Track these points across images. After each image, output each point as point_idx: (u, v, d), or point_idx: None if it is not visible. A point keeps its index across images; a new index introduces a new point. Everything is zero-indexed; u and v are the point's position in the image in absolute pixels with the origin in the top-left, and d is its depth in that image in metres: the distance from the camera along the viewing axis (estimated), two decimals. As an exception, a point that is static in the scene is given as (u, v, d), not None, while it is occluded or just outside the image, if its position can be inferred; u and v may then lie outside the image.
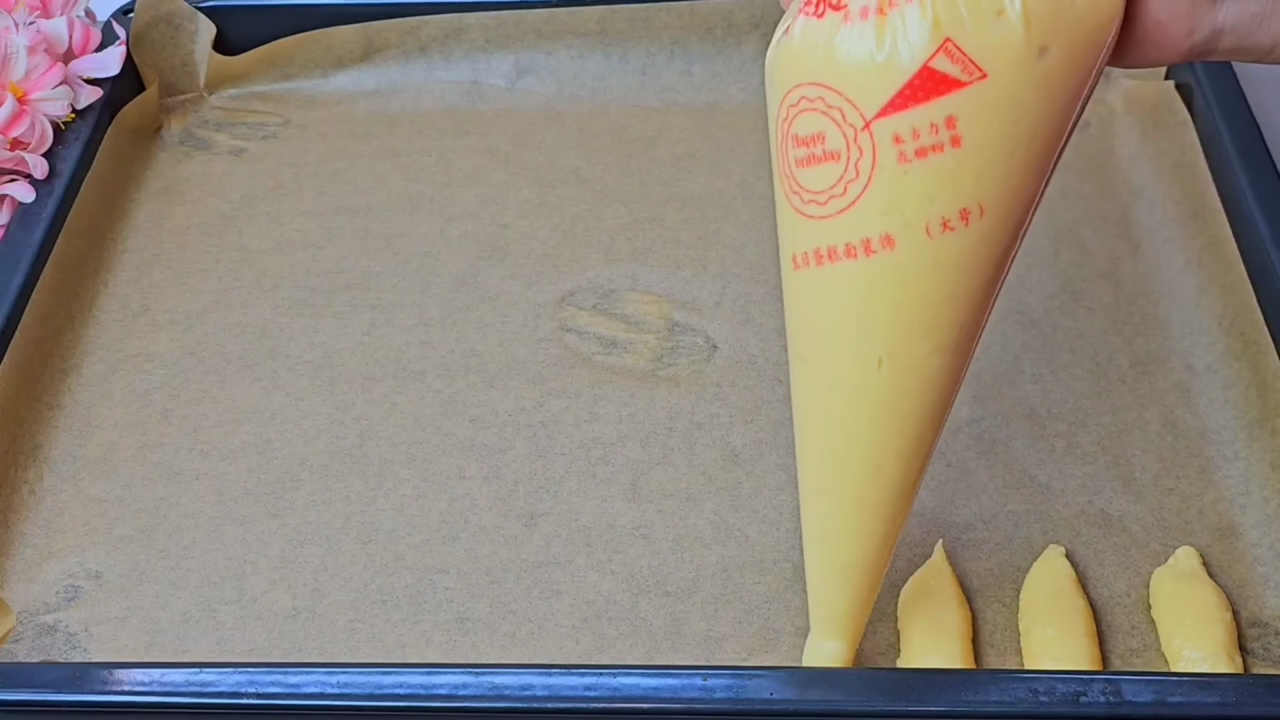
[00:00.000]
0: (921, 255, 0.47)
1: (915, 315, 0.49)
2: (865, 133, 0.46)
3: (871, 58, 0.46)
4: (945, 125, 0.46)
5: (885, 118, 0.46)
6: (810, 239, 0.49)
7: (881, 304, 0.48)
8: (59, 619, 0.59)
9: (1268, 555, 0.59)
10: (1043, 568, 0.59)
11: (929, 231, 0.47)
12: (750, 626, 0.58)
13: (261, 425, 0.66)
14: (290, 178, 0.79)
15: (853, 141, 0.47)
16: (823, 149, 0.47)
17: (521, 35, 0.83)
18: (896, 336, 0.49)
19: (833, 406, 0.51)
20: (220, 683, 0.51)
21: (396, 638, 0.58)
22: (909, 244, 0.47)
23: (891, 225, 0.47)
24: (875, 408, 0.50)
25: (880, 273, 0.48)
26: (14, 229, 0.70)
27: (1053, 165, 0.49)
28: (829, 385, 0.51)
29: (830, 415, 0.51)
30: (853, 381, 0.50)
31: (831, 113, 0.47)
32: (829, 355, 0.51)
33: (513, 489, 0.63)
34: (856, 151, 0.47)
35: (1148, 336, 0.69)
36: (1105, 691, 0.50)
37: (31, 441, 0.66)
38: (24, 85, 0.73)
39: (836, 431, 0.51)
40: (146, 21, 0.81)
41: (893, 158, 0.46)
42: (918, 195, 0.47)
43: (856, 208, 0.47)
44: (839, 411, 0.51)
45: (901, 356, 0.49)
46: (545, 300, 0.72)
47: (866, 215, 0.47)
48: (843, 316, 0.49)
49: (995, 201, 0.47)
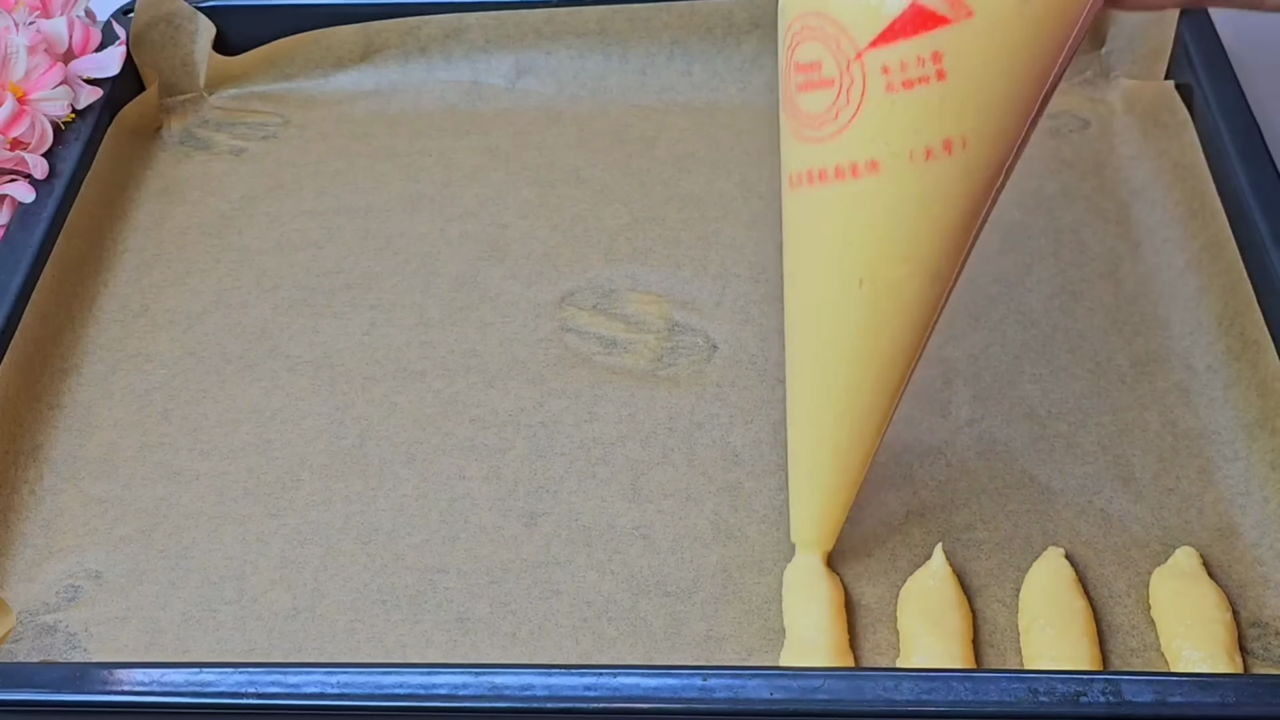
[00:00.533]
0: (905, 181, 0.50)
1: (896, 239, 0.51)
2: (858, 62, 0.49)
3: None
4: (931, 59, 0.49)
5: (876, 49, 0.49)
6: (805, 160, 0.52)
7: (864, 225, 0.51)
8: (59, 619, 0.59)
9: (1268, 555, 0.59)
10: (1042, 568, 0.59)
11: (912, 159, 0.50)
12: (750, 626, 0.58)
13: (261, 425, 0.66)
14: (290, 178, 0.79)
15: (845, 70, 0.50)
16: (819, 75, 0.50)
17: (521, 35, 0.83)
18: (877, 258, 0.52)
19: (816, 325, 0.54)
20: (220, 683, 0.51)
21: (396, 638, 0.58)
22: (893, 170, 0.50)
23: (878, 151, 0.50)
24: (855, 327, 0.53)
25: (865, 195, 0.51)
26: (14, 229, 0.70)
27: (1039, 105, 0.51)
28: (814, 304, 0.54)
29: (813, 334, 0.55)
30: (835, 301, 0.53)
31: (828, 41, 0.50)
32: (815, 274, 0.54)
33: (513, 489, 0.63)
34: (849, 79, 0.50)
35: (1148, 336, 0.69)
36: (1105, 691, 0.50)
37: (31, 441, 0.66)
38: (24, 85, 0.73)
39: (819, 351, 0.55)
40: (146, 21, 0.81)
41: (881, 87, 0.49)
42: (903, 124, 0.49)
43: (847, 133, 0.50)
44: (822, 330, 0.54)
45: (881, 278, 0.52)
46: (545, 300, 0.72)
47: (856, 140, 0.50)
48: (828, 236, 0.52)
49: (978, 135, 0.50)
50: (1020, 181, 0.77)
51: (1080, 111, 0.81)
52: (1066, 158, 0.78)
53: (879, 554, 0.60)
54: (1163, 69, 0.80)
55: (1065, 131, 0.80)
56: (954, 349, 0.68)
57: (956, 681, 0.51)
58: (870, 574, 0.60)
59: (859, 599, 0.59)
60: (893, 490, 0.62)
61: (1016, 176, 0.76)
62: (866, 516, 0.62)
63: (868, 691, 0.50)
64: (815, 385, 0.56)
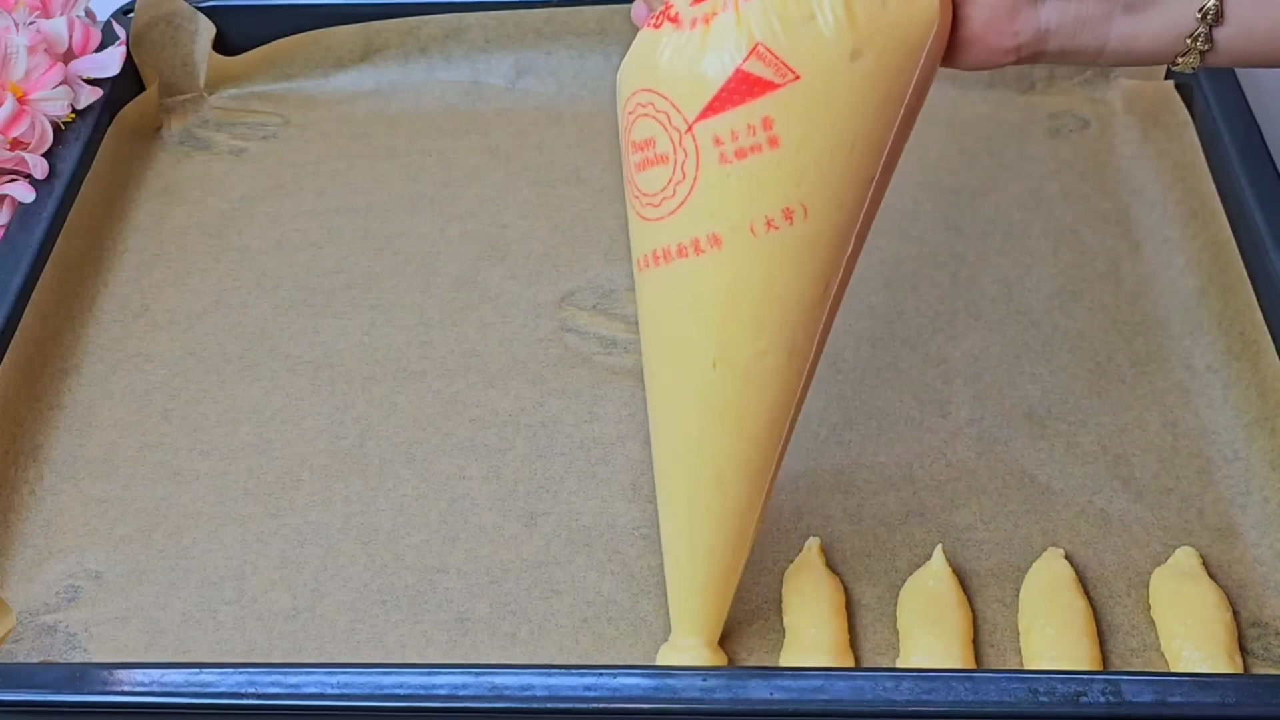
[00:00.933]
0: (748, 254, 0.49)
1: (745, 315, 0.50)
2: (689, 135, 0.49)
3: (691, 64, 0.48)
4: (762, 126, 0.48)
5: (705, 120, 0.48)
6: (649, 241, 0.51)
7: (711, 303, 0.50)
8: (59, 619, 0.59)
9: (1268, 555, 0.59)
10: (1042, 568, 0.59)
11: (754, 231, 0.49)
12: (750, 626, 0.58)
13: (261, 425, 0.66)
14: (290, 178, 0.79)
15: (678, 144, 0.49)
16: (654, 152, 0.50)
17: (521, 35, 0.83)
18: (728, 337, 0.51)
19: (674, 411, 0.53)
20: (220, 683, 0.51)
21: (396, 638, 0.58)
22: (735, 243, 0.49)
23: (718, 225, 0.49)
24: (712, 411, 0.52)
25: (709, 272, 0.50)
26: (14, 229, 0.70)
27: (879, 168, 0.50)
28: (670, 390, 0.53)
29: (672, 420, 0.53)
30: (690, 384, 0.52)
31: (660, 117, 0.49)
32: (669, 359, 0.52)
33: (513, 489, 0.63)
34: (682, 154, 0.49)
35: (1148, 336, 0.69)
36: (1105, 691, 0.50)
37: (31, 441, 0.65)
38: (24, 85, 0.73)
39: (679, 436, 0.53)
40: (146, 21, 0.81)
41: (714, 159, 0.49)
42: (740, 195, 0.49)
43: (685, 209, 0.50)
44: (680, 416, 0.53)
45: (734, 358, 0.51)
46: (545, 300, 0.72)
47: (695, 216, 0.49)
48: (678, 318, 0.51)
49: (818, 202, 0.49)
50: (1020, 181, 0.77)
51: (1080, 111, 0.81)
52: (1066, 158, 0.78)
53: (879, 554, 0.60)
54: (1163, 69, 0.80)
55: (1065, 131, 0.80)
56: (954, 349, 0.68)
57: (956, 681, 0.51)
58: (870, 574, 0.60)
59: (859, 599, 0.59)
60: (893, 490, 0.62)
61: (1017, 177, 0.77)
62: (866, 516, 0.62)
63: (868, 691, 0.50)
64: (677, 475, 0.54)
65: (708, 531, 0.54)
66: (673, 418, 0.53)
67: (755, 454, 0.53)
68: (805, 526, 0.61)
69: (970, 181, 0.77)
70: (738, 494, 0.53)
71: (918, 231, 0.74)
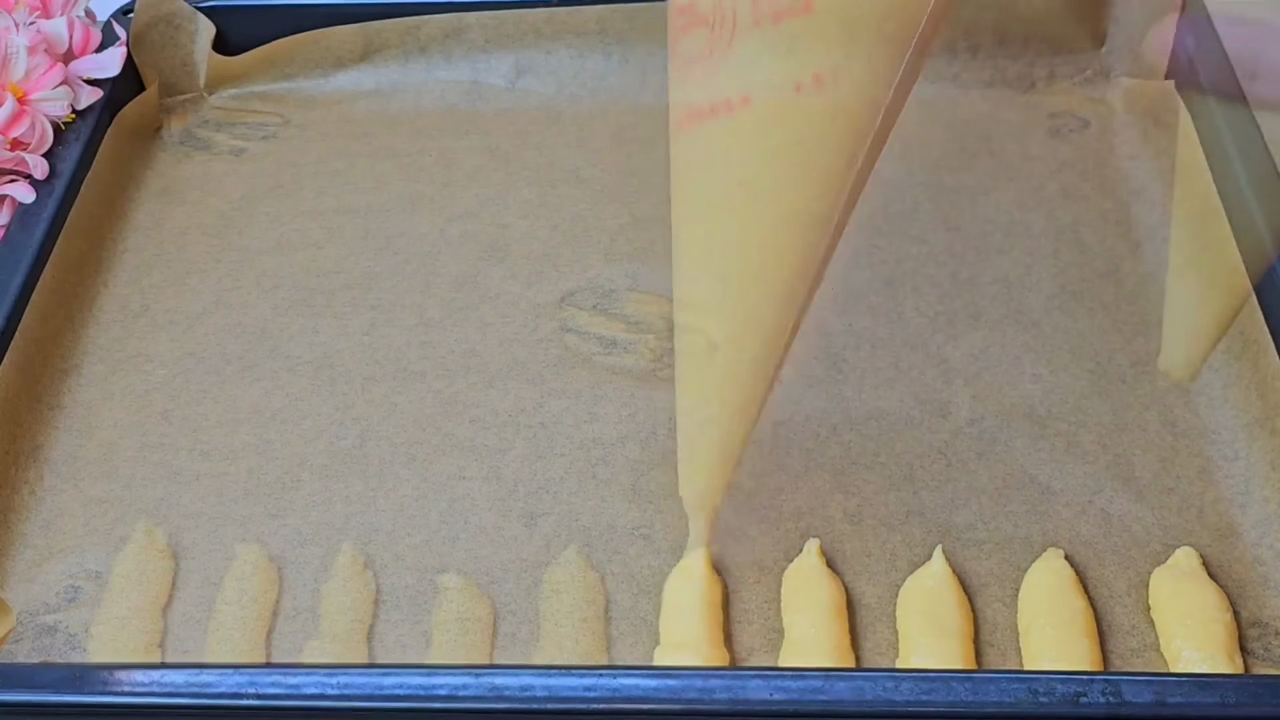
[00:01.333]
0: (777, 115, 0.50)
1: (770, 176, 0.51)
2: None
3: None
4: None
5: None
6: (685, 102, 0.52)
7: (739, 160, 0.51)
8: (59, 619, 0.59)
9: (1268, 555, 0.59)
10: (1042, 568, 0.59)
11: (784, 93, 0.50)
12: (750, 626, 0.58)
13: (261, 425, 0.66)
14: (290, 178, 0.79)
15: (718, 6, 0.50)
16: (695, 15, 0.51)
17: (521, 35, 0.83)
18: (754, 195, 0.52)
19: (696, 266, 0.54)
20: (220, 683, 0.51)
21: (396, 638, 0.58)
22: (764, 103, 0.50)
23: (749, 86, 0.50)
24: (733, 269, 0.53)
25: (740, 130, 0.51)
26: (14, 229, 0.70)
27: (911, 47, 0.50)
28: (693, 247, 0.54)
29: (692, 275, 0.54)
30: (715, 243, 0.53)
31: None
32: (695, 218, 0.54)
33: (513, 489, 0.63)
34: (720, 16, 0.50)
35: (1148, 336, 0.69)
36: (1105, 691, 0.50)
37: (31, 441, 0.66)
38: (24, 85, 0.73)
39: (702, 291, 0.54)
40: (146, 22, 0.81)
41: (750, 21, 0.50)
42: (773, 57, 0.50)
43: (720, 69, 0.51)
44: (702, 270, 0.54)
45: (758, 218, 0.52)
46: (545, 300, 0.72)
47: (728, 75, 0.50)
48: (708, 175, 0.52)
49: (847, 70, 0.50)
50: (1020, 181, 0.77)
51: (1080, 111, 0.81)
52: (1066, 158, 0.78)
53: (879, 554, 0.60)
54: (1163, 69, 0.80)
55: (1065, 131, 0.80)
56: (954, 349, 0.68)
57: (956, 681, 0.51)
58: (870, 574, 0.60)
59: (859, 599, 0.59)
60: (893, 490, 0.62)
61: (1017, 176, 0.77)
62: (866, 516, 0.62)
63: (868, 691, 0.50)
64: (694, 337, 0.55)
65: (719, 391, 0.55)
66: (702, 252, 0.54)
67: (770, 315, 0.54)
68: (805, 526, 0.61)
69: (970, 181, 0.77)
70: (753, 354, 0.54)
71: (918, 231, 0.74)
